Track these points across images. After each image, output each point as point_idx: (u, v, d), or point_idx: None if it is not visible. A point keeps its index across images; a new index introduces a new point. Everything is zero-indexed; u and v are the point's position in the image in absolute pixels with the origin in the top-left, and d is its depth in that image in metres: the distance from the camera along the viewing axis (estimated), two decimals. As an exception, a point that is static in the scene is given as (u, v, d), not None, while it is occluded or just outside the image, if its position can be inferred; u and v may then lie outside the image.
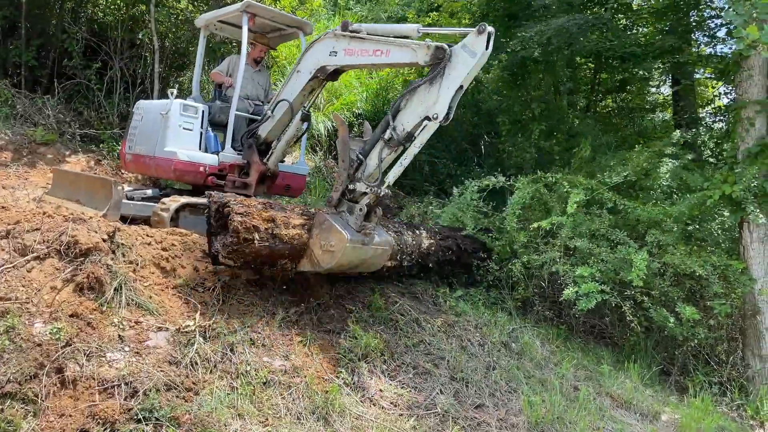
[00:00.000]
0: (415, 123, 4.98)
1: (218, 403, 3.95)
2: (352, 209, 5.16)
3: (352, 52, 5.57)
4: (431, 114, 4.84)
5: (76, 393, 3.65)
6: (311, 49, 5.98)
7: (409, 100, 5.04)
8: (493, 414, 5.10)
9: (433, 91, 4.86)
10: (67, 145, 9.00)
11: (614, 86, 14.08)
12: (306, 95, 6.30)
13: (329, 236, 5.01)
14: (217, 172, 6.75)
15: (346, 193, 5.23)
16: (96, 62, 9.77)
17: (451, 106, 4.81)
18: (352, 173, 5.20)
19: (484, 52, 4.69)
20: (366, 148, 5.26)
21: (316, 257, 5.09)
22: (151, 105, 7.26)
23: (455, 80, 4.78)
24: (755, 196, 7.01)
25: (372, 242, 5.16)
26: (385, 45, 5.28)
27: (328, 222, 5.05)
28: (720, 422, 6.09)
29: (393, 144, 5.09)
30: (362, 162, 5.21)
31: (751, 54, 6.76)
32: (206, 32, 7.83)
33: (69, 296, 4.19)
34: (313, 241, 5.13)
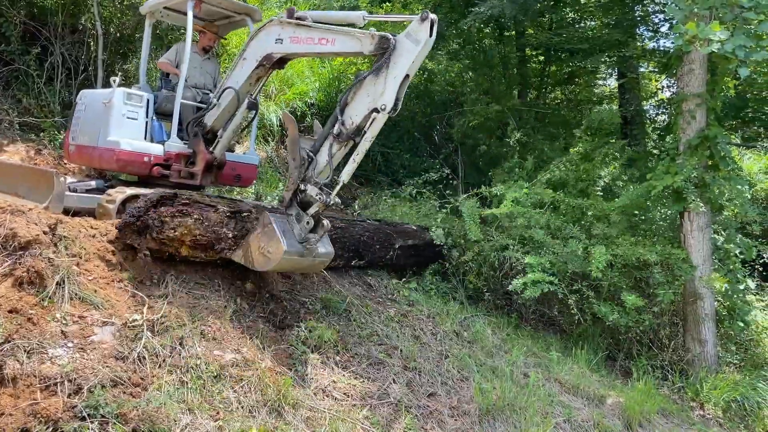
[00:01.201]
0: (363, 115, 4.91)
1: (167, 398, 3.86)
2: (300, 217, 5.06)
3: (298, 40, 5.48)
4: (379, 105, 4.78)
5: (17, 391, 3.51)
6: (257, 36, 5.88)
7: (356, 92, 4.96)
8: (445, 402, 5.17)
9: (380, 82, 4.80)
10: (5, 134, 8.62)
11: (563, 78, 14.37)
12: (252, 83, 6.19)
13: (269, 242, 4.91)
14: (163, 162, 6.58)
15: (298, 194, 5.11)
16: (35, 47, 9.36)
17: (398, 97, 4.75)
18: (303, 171, 5.10)
19: (428, 40, 4.65)
20: (316, 145, 5.16)
21: (252, 256, 5.02)
22: (94, 94, 7.02)
23: (401, 70, 4.73)
24: (695, 186, 7.28)
25: (311, 254, 5.05)
26: (330, 34, 5.21)
27: (270, 227, 4.94)
28: (662, 404, 6.34)
29: (342, 138, 5.00)
30: (312, 159, 5.11)
31: (692, 49, 6.99)
32: (152, 19, 7.60)
33: (8, 291, 4.01)
34: (253, 238, 5.04)
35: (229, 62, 10.96)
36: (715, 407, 6.83)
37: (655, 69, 14.09)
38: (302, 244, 4.99)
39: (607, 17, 12.31)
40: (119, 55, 10.35)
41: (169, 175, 6.59)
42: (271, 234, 4.91)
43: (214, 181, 6.98)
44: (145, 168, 6.50)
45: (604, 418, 5.71)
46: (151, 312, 4.46)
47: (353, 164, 5.01)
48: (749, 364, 7.86)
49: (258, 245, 4.98)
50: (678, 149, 7.72)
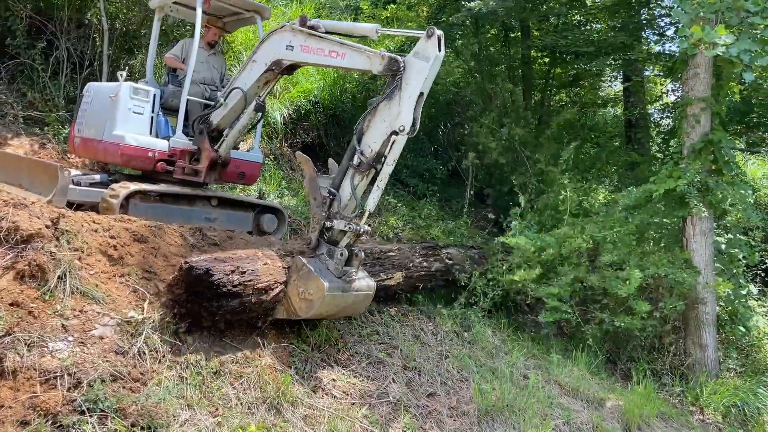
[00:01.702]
0: (382, 141, 4.82)
1: (167, 394, 3.87)
2: (332, 253, 4.85)
3: (308, 50, 5.48)
4: (397, 128, 4.71)
5: (17, 384, 3.52)
6: (268, 39, 5.88)
7: (371, 120, 4.89)
8: (444, 402, 5.17)
9: (394, 105, 4.75)
10: (10, 128, 8.63)
11: (567, 81, 14.35)
12: (261, 86, 6.20)
13: (308, 284, 4.69)
14: (167, 158, 6.58)
15: (324, 233, 4.97)
16: (41, 41, 9.37)
17: (415, 116, 4.71)
18: (326, 210, 4.94)
19: (437, 56, 4.63)
20: (336, 180, 5.02)
21: (293, 305, 4.76)
22: (101, 87, 7.02)
23: (414, 89, 4.69)
24: (698, 190, 7.26)
25: (353, 288, 4.84)
26: (341, 48, 5.20)
27: (306, 268, 4.75)
28: (661, 408, 6.33)
29: (363, 168, 4.89)
30: (335, 196, 4.93)
31: (697, 52, 6.97)
32: (161, 14, 7.60)
33: (9, 284, 4.03)
34: (291, 287, 4.79)
35: (234, 59, 10.98)
36: (714, 412, 6.82)
37: (660, 73, 14.07)
38: (341, 278, 4.78)
39: (613, 20, 12.31)
40: (124, 50, 10.35)
41: (173, 171, 6.60)
42: (307, 275, 4.72)
43: (218, 178, 6.99)
44: (149, 163, 6.50)
45: (603, 421, 5.71)
46: (152, 308, 4.46)
47: (378, 191, 4.90)
48: (750, 369, 7.85)
49: (297, 292, 4.74)
50: (682, 153, 7.70)
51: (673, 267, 7.14)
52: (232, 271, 4.48)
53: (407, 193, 12.24)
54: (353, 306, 5.02)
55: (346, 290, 4.78)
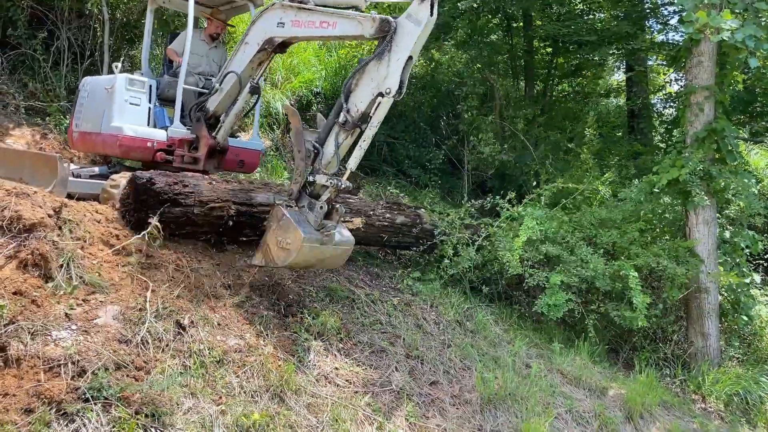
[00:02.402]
0: (368, 101, 4.82)
1: (170, 382, 3.88)
2: (313, 206, 4.93)
3: (299, 24, 5.45)
4: (384, 89, 4.71)
5: (21, 372, 3.52)
6: (259, 19, 5.86)
7: (360, 78, 4.88)
8: (447, 390, 5.18)
9: (383, 66, 4.73)
10: (11, 118, 8.62)
11: (570, 71, 14.29)
12: (254, 67, 6.17)
13: (286, 234, 4.79)
14: (166, 148, 6.58)
15: (306, 186, 5.01)
16: (42, 32, 9.35)
17: (402, 80, 4.69)
18: (309, 164, 4.99)
19: (429, 19, 4.59)
20: (321, 135, 5.05)
21: (272, 253, 4.89)
22: (97, 81, 7.03)
23: (403, 52, 4.67)
24: (701, 179, 7.24)
25: (332, 242, 4.93)
26: (331, 17, 5.17)
27: (285, 218, 4.83)
28: (663, 397, 6.34)
29: (348, 126, 4.90)
30: (319, 151, 5.00)
31: (701, 38, 6.94)
32: (153, 5, 7.58)
33: (12, 273, 4.02)
34: (269, 236, 4.92)
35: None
36: (716, 401, 6.83)
37: (663, 62, 14.00)
38: (320, 231, 4.86)
39: (616, 9, 12.24)
40: (125, 40, 10.33)
41: (173, 161, 6.59)
42: (287, 225, 4.81)
43: (218, 166, 6.98)
44: (148, 153, 6.50)
45: (605, 410, 5.72)
46: (155, 296, 4.47)
47: (360, 151, 4.94)
48: (752, 358, 7.86)
49: (276, 240, 4.86)
50: (685, 142, 7.68)
51: (674, 256, 7.12)
52: (174, 182, 4.91)
53: (409, 183, 12.22)
54: (331, 259, 5.13)
55: (324, 242, 4.87)
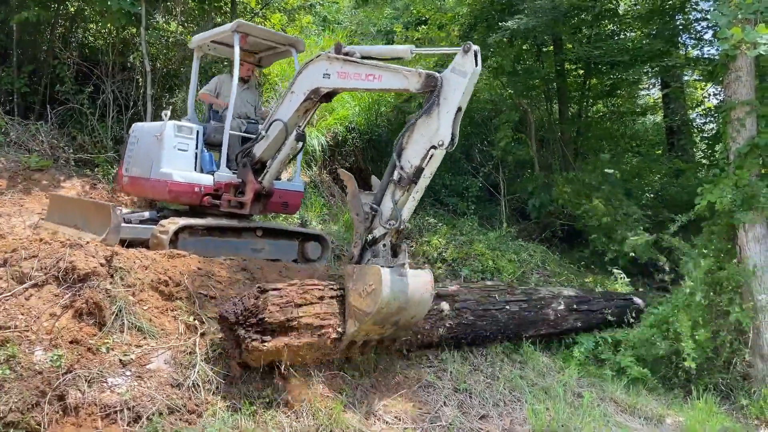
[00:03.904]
0: (421, 156, 4.87)
1: (222, 425, 3.93)
2: (377, 252, 4.94)
3: (346, 76, 5.57)
4: (436, 142, 4.75)
5: (79, 420, 3.63)
6: (305, 70, 6.00)
7: (411, 136, 4.95)
8: (498, 424, 5.09)
9: (433, 121, 4.79)
10: (62, 171, 9.00)
11: (604, 91, 14.19)
12: (300, 116, 6.32)
13: (365, 278, 4.70)
14: (213, 192, 6.76)
15: (367, 247, 5.05)
16: (88, 86, 9.80)
17: (454, 131, 4.75)
18: (368, 225, 5.04)
19: (474, 70, 4.67)
20: (378, 196, 5.10)
21: (358, 308, 4.71)
22: (146, 127, 7.29)
23: (452, 104, 4.73)
24: (742, 202, 7.07)
25: (408, 274, 4.79)
26: (377, 70, 5.27)
27: (358, 269, 4.81)
28: (724, 423, 6.08)
29: (404, 183, 4.94)
30: (377, 211, 5.02)
31: (737, 54, 6.82)
32: (199, 53, 7.87)
33: (68, 322, 4.18)
34: (350, 296, 4.80)
35: (271, 91, 11.24)
36: (781, 426, 6.52)
37: (700, 77, 13.79)
38: (392, 267, 4.81)
39: (647, 27, 12.16)
40: (166, 89, 10.74)
41: (219, 205, 6.75)
42: (361, 270, 4.77)
43: (263, 209, 7.12)
44: (195, 198, 6.68)
45: (664, 439, 5.53)
46: (203, 340, 4.55)
47: (413, 202, 4.95)
48: (817, 379, 7.48)
49: (357, 293, 4.73)
50: (728, 158, 7.50)
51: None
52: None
53: (446, 212, 12.23)
54: (418, 296, 4.85)
55: (403, 274, 4.77)
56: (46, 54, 10.21)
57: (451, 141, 4.75)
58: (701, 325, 6.81)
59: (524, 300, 6.92)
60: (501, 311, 6.49)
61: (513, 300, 6.75)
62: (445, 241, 10.11)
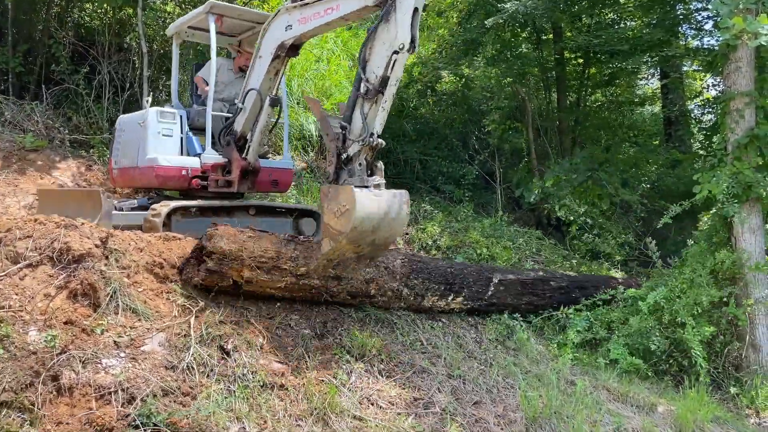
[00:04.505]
0: (385, 64, 4.83)
1: (216, 407, 3.94)
2: (353, 171, 4.93)
3: (305, 20, 5.54)
4: (397, 46, 4.71)
5: (73, 400, 3.63)
6: (268, 30, 6.00)
7: (372, 45, 4.93)
8: (491, 410, 5.12)
9: (392, 27, 4.73)
10: (57, 151, 8.95)
11: (603, 80, 14.16)
12: (272, 78, 6.29)
13: (338, 198, 4.73)
14: (201, 174, 6.75)
15: (342, 165, 5.03)
16: (84, 67, 9.71)
17: (413, 33, 4.69)
18: (340, 144, 5.03)
19: None
20: (347, 113, 5.09)
21: (334, 228, 4.77)
22: (130, 118, 7.33)
23: (407, 5, 4.67)
24: (739, 192, 7.09)
25: (383, 193, 4.84)
26: (334, 1, 5.23)
27: (333, 187, 4.85)
28: (716, 412, 6.13)
29: (371, 95, 4.92)
30: (347, 128, 5.02)
31: (738, 44, 6.80)
32: (178, 40, 7.83)
33: (63, 303, 4.16)
34: (325, 215, 4.87)
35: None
36: (772, 415, 6.58)
37: (699, 68, 13.76)
38: (367, 187, 4.83)
39: (647, 17, 12.10)
40: (163, 71, 10.65)
41: (208, 186, 6.74)
42: (335, 191, 4.78)
43: (251, 187, 7.11)
44: (184, 181, 6.67)
45: (655, 427, 5.56)
46: (198, 323, 4.55)
47: (384, 113, 4.93)
48: (808, 370, 7.54)
49: (333, 213, 4.77)
50: (726, 149, 7.50)
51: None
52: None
53: (443, 199, 12.22)
54: (393, 216, 4.90)
55: (378, 194, 4.79)
56: (42, 33, 10.10)
57: (411, 43, 4.69)
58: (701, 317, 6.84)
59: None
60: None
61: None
62: (440, 228, 10.11)
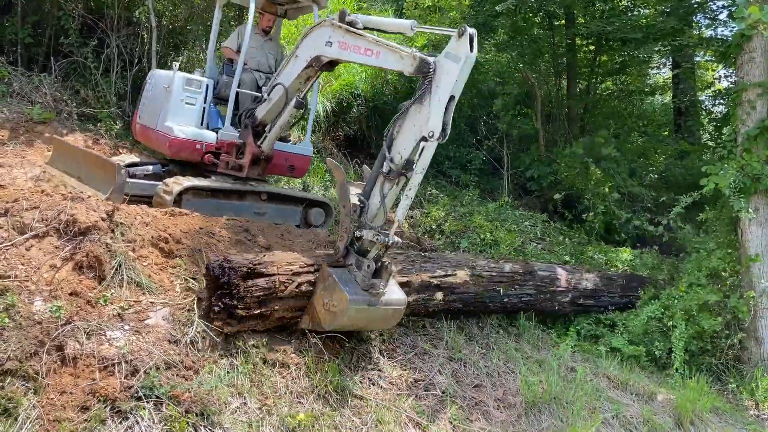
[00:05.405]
0: (411, 147, 4.62)
1: (218, 382, 3.97)
2: (360, 264, 4.64)
3: (346, 47, 5.41)
4: (426, 133, 4.48)
5: (77, 371, 3.66)
6: (310, 35, 5.87)
7: (402, 125, 4.70)
8: (491, 393, 5.15)
9: (424, 109, 4.52)
10: (64, 124, 8.92)
11: (614, 68, 14.03)
12: (302, 82, 6.19)
13: (332, 295, 4.52)
14: (215, 150, 6.70)
15: (354, 243, 4.79)
16: (92, 40, 9.65)
17: (445, 121, 4.48)
18: (356, 219, 4.72)
19: (468, 56, 4.38)
20: (367, 188, 4.82)
21: (318, 315, 4.61)
22: (159, 76, 7.16)
23: (444, 92, 4.46)
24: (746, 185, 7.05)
25: (380, 303, 4.62)
26: (376, 46, 5.07)
27: (331, 279, 4.58)
28: (715, 403, 6.16)
29: (393, 176, 4.68)
30: (365, 204, 4.73)
31: (753, 35, 6.72)
32: (222, 1, 7.69)
33: (68, 275, 4.18)
34: (316, 298, 4.64)
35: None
36: (771, 408, 6.60)
37: (711, 58, 13.63)
38: (368, 291, 4.58)
39: (662, 5, 11.96)
40: (171, 46, 10.58)
41: (218, 164, 6.71)
42: (333, 287, 4.54)
43: (261, 174, 7.06)
44: (196, 155, 6.63)
45: (654, 415, 5.59)
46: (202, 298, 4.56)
47: (407, 200, 4.67)
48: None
49: (322, 302, 4.58)
50: (736, 141, 7.45)
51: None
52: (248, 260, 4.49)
53: (449, 183, 12.19)
54: (382, 320, 4.83)
55: (373, 303, 4.57)
56: (51, 5, 10.02)
57: (442, 132, 4.46)
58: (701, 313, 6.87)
59: (529, 293, 6.77)
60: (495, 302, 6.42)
61: (514, 293, 6.58)
62: (444, 212, 10.09)
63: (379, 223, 4.72)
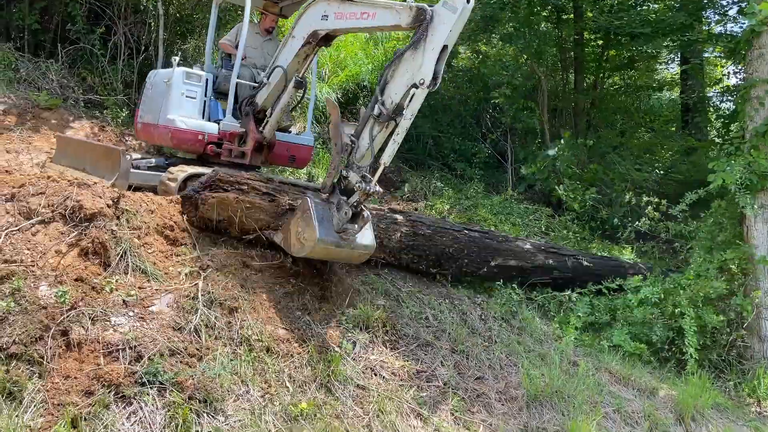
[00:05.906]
0: (402, 93, 4.71)
1: (221, 369, 3.98)
2: (341, 206, 4.84)
3: (342, 16, 5.45)
4: (417, 80, 4.56)
5: (81, 356, 3.68)
6: (305, 13, 5.90)
7: (395, 69, 4.79)
8: (492, 386, 5.16)
9: (418, 56, 4.60)
10: (71, 111, 8.95)
11: (622, 63, 13.95)
12: (300, 61, 6.23)
13: (305, 228, 4.78)
14: (217, 141, 6.74)
15: (341, 181, 4.94)
16: (100, 27, 9.67)
17: (437, 70, 4.53)
18: (346, 157, 4.91)
19: (465, 6, 4.41)
20: (358, 128, 4.98)
21: (290, 240, 4.95)
22: (160, 74, 7.27)
23: (438, 41, 4.52)
24: (746, 186, 7.02)
25: (348, 245, 4.86)
26: (371, 7, 5.11)
27: (308, 213, 4.80)
28: (717, 399, 6.16)
29: (383, 119, 4.80)
30: (355, 143, 4.89)
31: (763, 31, 6.68)
32: (218, 1, 7.74)
33: (74, 260, 4.20)
34: (292, 223, 4.94)
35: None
36: (773, 405, 6.60)
37: (720, 54, 13.54)
38: (339, 234, 4.80)
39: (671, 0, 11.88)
40: (179, 35, 10.60)
41: (221, 154, 6.73)
42: (308, 220, 4.79)
43: (265, 161, 7.08)
44: (199, 146, 6.67)
45: (656, 410, 5.59)
46: (207, 286, 4.58)
47: (394, 145, 4.78)
48: (811, 362, 7.53)
49: (296, 230, 4.87)
50: (744, 137, 7.42)
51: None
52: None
53: (453, 176, 12.19)
54: (346, 258, 5.17)
55: (340, 245, 4.82)
56: (58, -9, 10.04)
57: (433, 80, 4.54)
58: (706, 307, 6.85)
59: (484, 231, 7.26)
60: (459, 233, 6.67)
61: (473, 228, 7.08)
62: (449, 205, 10.09)
63: (366, 163, 4.83)
